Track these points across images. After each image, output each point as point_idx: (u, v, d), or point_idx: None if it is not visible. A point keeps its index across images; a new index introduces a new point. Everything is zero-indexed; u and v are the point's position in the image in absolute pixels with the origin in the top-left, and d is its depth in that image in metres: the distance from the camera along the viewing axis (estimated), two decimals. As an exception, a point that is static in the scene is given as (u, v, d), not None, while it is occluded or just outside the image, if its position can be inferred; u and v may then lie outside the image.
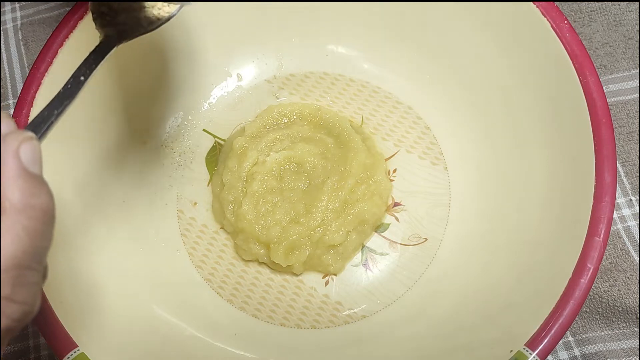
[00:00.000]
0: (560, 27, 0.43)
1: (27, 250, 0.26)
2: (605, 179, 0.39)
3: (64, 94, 0.34)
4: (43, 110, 0.33)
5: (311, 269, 0.49)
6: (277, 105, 0.54)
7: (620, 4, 0.55)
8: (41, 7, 0.61)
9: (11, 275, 0.25)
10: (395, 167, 0.52)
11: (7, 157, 0.26)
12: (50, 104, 0.33)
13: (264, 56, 0.56)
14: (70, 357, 0.38)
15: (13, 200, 0.26)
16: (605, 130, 0.40)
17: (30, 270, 0.26)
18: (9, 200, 0.26)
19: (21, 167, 0.27)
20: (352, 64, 0.55)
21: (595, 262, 0.37)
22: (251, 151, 0.50)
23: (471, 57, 0.50)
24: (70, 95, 0.34)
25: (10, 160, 0.26)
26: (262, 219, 0.48)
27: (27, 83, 0.44)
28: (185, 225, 0.51)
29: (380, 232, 0.50)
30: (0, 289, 0.25)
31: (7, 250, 0.25)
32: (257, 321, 0.48)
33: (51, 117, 0.32)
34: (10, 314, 0.26)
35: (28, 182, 0.27)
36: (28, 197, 0.26)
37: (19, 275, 0.26)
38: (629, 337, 0.46)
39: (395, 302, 0.47)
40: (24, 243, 0.26)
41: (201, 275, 0.49)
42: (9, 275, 0.25)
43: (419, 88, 0.53)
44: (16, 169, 0.26)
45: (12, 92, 0.59)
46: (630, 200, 0.50)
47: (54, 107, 0.33)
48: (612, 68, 0.54)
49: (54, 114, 0.32)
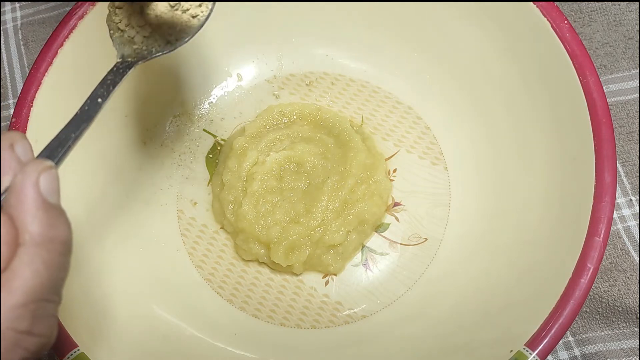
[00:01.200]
0: (560, 27, 0.43)
1: (45, 283, 0.26)
2: (605, 179, 0.39)
3: (81, 117, 0.32)
4: (60, 133, 0.31)
5: (311, 269, 0.49)
6: (277, 105, 0.54)
7: (620, 4, 0.56)
8: (41, 7, 0.61)
9: (30, 309, 0.25)
10: (395, 167, 0.52)
11: (27, 189, 0.26)
12: (66, 126, 0.32)
13: (264, 56, 0.56)
14: (70, 357, 0.38)
15: (33, 233, 0.26)
16: (605, 130, 0.40)
17: (49, 303, 0.26)
18: (29, 234, 0.26)
19: (41, 198, 0.26)
20: (352, 64, 0.55)
21: (595, 262, 0.38)
22: (251, 151, 0.50)
23: (471, 57, 0.50)
24: (88, 118, 0.32)
25: (30, 192, 0.26)
26: (262, 219, 0.48)
27: (27, 83, 0.44)
28: (185, 225, 0.51)
29: (380, 232, 0.50)
30: (19, 324, 0.25)
31: (27, 285, 0.25)
32: (257, 321, 0.48)
33: (68, 141, 0.31)
34: (28, 347, 0.26)
35: (47, 213, 0.26)
36: (47, 230, 0.26)
37: (38, 308, 0.26)
38: (629, 337, 0.46)
39: (395, 302, 0.47)
40: (42, 276, 0.26)
41: (201, 275, 0.49)
42: (27, 309, 0.25)
43: (419, 88, 0.54)
44: (36, 201, 0.26)
45: (12, 92, 0.59)
46: (630, 200, 0.50)
47: (70, 130, 0.31)
48: (612, 68, 0.54)
49: (71, 137, 0.31)
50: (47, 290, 0.26)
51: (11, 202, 0.26)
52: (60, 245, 0.27)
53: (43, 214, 0.26)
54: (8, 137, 0.29)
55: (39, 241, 0.26)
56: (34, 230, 0.26)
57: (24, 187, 0.26)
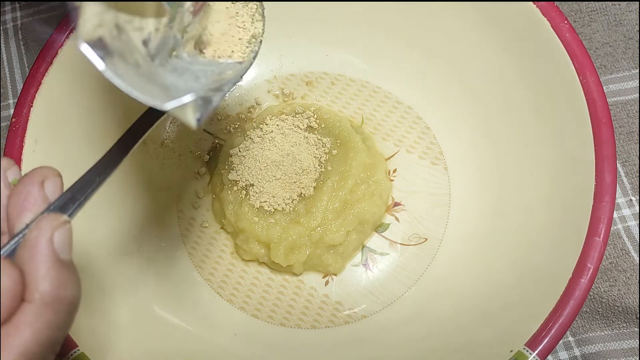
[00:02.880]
0: (560, 27, 0.43)
1: (44, 342, 0.26)
2: (605, 179, 0.39)
3: (107, 160, 0.31)
4: (84, 175, 0.30)
5: (311, 269, 0.49)
6: (277, 105, 0.54)
7: (620, 4, 0.55)
8: (41, 7, 0.61)
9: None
10: (395, 167, 0.52)
11: (40, 246, 0.26)
12: (91, 169, 0.30)
13: (264, 56, 0.56)
14: (70, 357, 0.38)
15: (43, 292, 0.25)
16: (605, 130, 0.40)
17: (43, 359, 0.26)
18: (39, 293, 0.25)
19: (54, 256, 0.26)
20: (352, 64, 0.55)
21: (595, 262, 0.38)
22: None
23: (471, 57, 0.50)
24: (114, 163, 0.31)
25: (44, 248, 0.26)
26: (262, 219, 0.48)
27: (27, 83, 0.44)
28: (185, 225, 0.51)
29: (380, 232, 0.50)
30: None
31: (25, 345, 0.25)
32: (257, 321, 0.48)
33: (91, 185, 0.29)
34: None
35: (59, 272, 0.26)
36: (57, 289, 0.26)
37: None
38: (629, 337, 0.46)
39: (395, 302, 0.47)
40: (42, 336, 0.25)
41: (201, 275, 0.49)
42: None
43: (419, 88, 0.54)
44: (49, 259, 0.26)
45: (12, 92, 0.59)
46: (630, 200, 0.50)
47: (95, 173, 0.30)
48: (612, 68, 0.54)
49: (95, 180, 0.30)
50: (43, 349, 0.26)
51: (24, 257, 0.26)
52: (67, 306, 0.26)
53: (55, 273, 0.26)
54: (40, 173, 0.28)
55: (48, 301, 0.26)
56: (45, 290, 0.25)
57: (38, 244, 0.26)
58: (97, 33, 0.26)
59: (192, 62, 0.35)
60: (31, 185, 0.28)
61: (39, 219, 0.27)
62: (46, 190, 0.28)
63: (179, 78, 0.31)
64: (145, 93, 0.26)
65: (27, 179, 0.28)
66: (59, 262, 0.26)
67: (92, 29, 0.26)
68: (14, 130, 0.43)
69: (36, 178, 0.28)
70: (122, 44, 0.28)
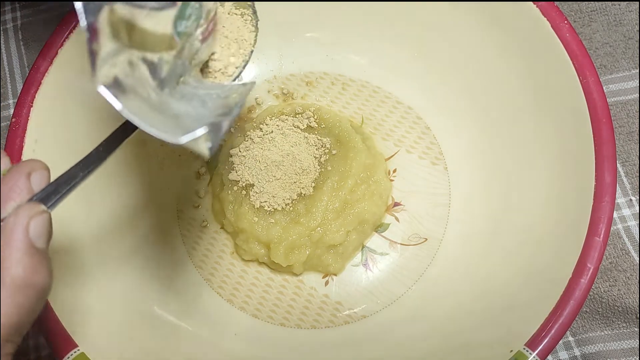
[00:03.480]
0: (560, 27, 0.43)
1: (12, 325, 0.26)
2: (605, 179, 0.39)
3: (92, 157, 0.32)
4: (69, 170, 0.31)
5: (311, 269, 0.49)
6: (277, 105, 0.54)
7: (620, 4, 0.56)
8: (41, 7, 0.61)
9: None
10: (395, 167, 0.52)
11: (16, 231, 0.27)
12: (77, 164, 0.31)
13: (264, 56, 0.56)
14: (70, 357, 0.38)
15: (15, 276, 0.26)
16: (605, 130, 0.40)
17: (9, 343, 0.27)
18: (10, 277, 0.26)
19: (28, 242, 0.27)
20: (352, 64, 0.55)
21: (595, 262, 0.38)
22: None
23: (471, 57, 0.50)
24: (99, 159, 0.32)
25: (19, 235, 0.27)
26: (262, 219, 0.48)
27: (27, 83, 0.44)
28: (185, 225, 0.51)
29: (380, 232, 0.50)
30: None
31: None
32: (257, 321, 0.48)
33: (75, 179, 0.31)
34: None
35: (33, 258, 0.27)
36: (30, 274, 0.27)
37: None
38: (629, 337, 0.46)
39: (395, 302, 0.47)
40: (12, 319, 0.26)
41: (201, 275, 0.49)
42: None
43: (418, 88, 0.54)
44: (23, 245, 0.27)
45: (12, 92, 0.59)
46: (630, 200, 0.50)
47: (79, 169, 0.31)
48: (612, 68, 0.54)
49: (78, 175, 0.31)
50: (11, 332, 0.27)
51: (1, 243, 0.27)
52: (38, 292, 0.27)
53: (28, 259, 0.27)
54: (28, 165, 0.30)
55: (19, 284, 0.26)
56: (16, 274, 0.26)
57: (14, 230, 0.27)
58: (112, 73, 0.27)
59: (198, 86, 0.36)
60: (18, 175, 0.29)
61: (18, 208, 0.28)
62: (32, 182, 0.29)
63: (187, 105, 0.32)
64: (160, 129, 0.27)
65: (15, 170, 0.29)
66: (34, 249, 0.27)
67: (108, 69, 0.27)
68: (14, 130, 0.43)
69: (24, 169, 0.29)
70: (135, 79, 0.29)
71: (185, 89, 0.34)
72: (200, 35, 0.36)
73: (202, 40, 0.37)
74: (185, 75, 0.35)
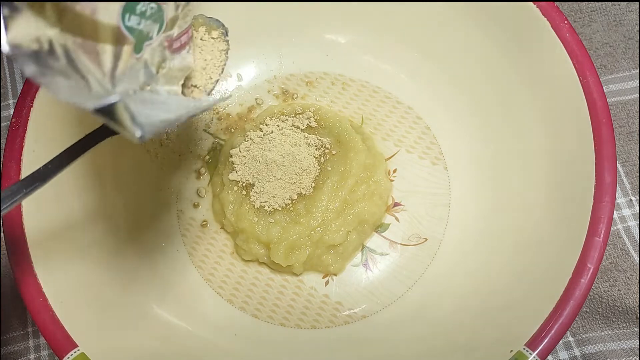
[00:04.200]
0: (560, 27, 0.43)
1: None
2: (605, 179, 0.39)
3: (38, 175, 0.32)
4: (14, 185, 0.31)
5: (311, 269, 0.49)
6: (277, 105, 0.54)
7: (620, 4, 0.56)
8: (41, 7, 0.61)
9: None
10: (395, 167, 0.52)
11: None
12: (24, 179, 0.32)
13: (264, 56, 0.56)
14: (70, 357, 0.38)
15: None
16: (605, 130, 0.40)
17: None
18: None
19: None
20: (352, 64, 0.55)
21: (595, 262, 0.38)
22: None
23: (471, 57, 0.50)
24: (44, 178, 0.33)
25: None
26: (262, 219, 0.48)
27: (27, 83, 0.44)
28: (185, 225, 0.51)
29: (380, 232, 0.50)
30: None
31: None
32: (257, 321, 0.48)
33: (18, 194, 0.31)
34: None
35: None
36: None
37: None
38: (629, 337, 0.46)
39: (395, 302, 0.47)
40: None
41: (201, 275, 0.49)
42: None
43: (418, 88, 0.54)
44: None
45: (12, 92, 0.59)
46: (630, 200, 0.50)
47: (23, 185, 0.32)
48: (612, 68, 0.54)
49: (21, 192, 0.31)
50: None
51: None
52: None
53: None
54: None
55: None
56: None
57: None
58: (32, 47, 0.26)
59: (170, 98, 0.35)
60: None
61: None
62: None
63: (144, 107, 0.31)
64: (69, 96, 0.26)
65: None
66: None
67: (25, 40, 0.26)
68: (14, 130, 0.43)
69: None
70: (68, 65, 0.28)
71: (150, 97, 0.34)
72: (166, 41, 0.35)
73: (172, 50, 0.36)
74: (152, 84, 0.35)
